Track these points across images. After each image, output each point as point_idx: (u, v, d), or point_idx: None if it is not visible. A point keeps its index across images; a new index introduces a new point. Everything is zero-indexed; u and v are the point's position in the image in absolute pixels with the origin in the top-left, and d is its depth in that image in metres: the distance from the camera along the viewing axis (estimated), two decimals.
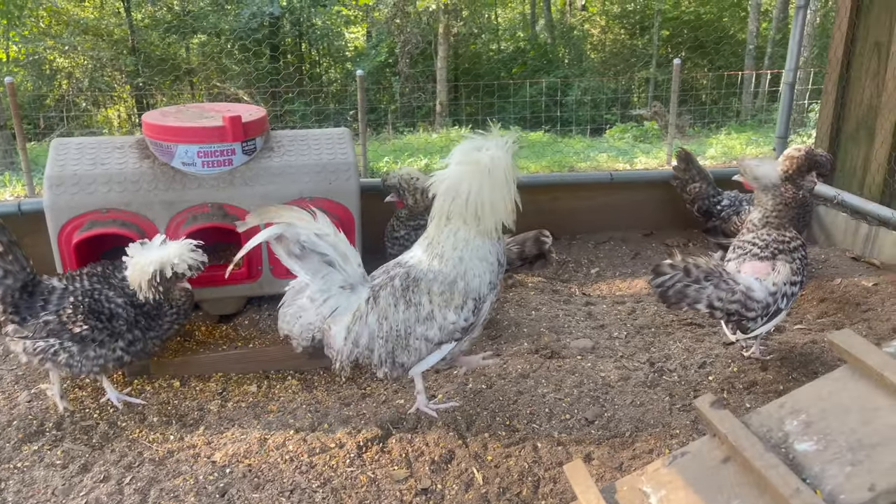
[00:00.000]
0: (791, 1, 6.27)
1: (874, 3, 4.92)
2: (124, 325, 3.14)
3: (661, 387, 3.42)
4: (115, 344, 3.15)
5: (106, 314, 3.12)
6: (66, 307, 3.09)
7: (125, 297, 3.17)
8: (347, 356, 2.86)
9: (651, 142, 13.04)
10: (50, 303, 3.11)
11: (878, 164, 4.91)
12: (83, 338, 3.10)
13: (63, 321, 3.07)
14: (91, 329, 3.09)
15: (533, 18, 23.56)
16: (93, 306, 3.11)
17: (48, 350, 3.10)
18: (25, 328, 3.09)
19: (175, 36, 18.47)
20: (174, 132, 3.56)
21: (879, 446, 1.86)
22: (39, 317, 3.08)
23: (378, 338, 2.83)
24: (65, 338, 3.09)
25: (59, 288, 3.16)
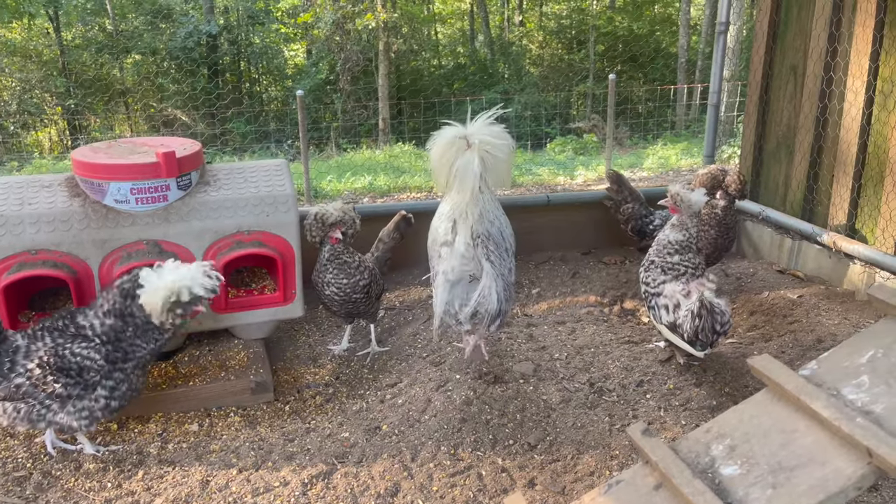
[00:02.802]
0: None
1: (789, 28, 5.19)
2: (96, 376, 3.03)
3: (601, 407, 3.51)
4: (97, 394, 3.05)
5: (75, 370, 3.00)
6: (33, 369, 2.96)
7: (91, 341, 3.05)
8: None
9: (591, 154, 13.38)
10: (16, 363, 2.99)
11: (798, 182, 5.17)
12: (59, 396, 3.00)
13: (34, 383, 2.96)
14: (64, 387, 2.99)
15: (472, 34, 23.89)
16: (59, 364, 2.98)
17: (29, 412, 3.00)
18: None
19: (108, 56, 18.04)
20: (105, 169, 3.50)
21: (798, 468, 1.96)
22: (10, 379, 2.96)
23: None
24: (41, 399, 2.99)
25: (22, 346, 3.02)
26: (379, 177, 9.76)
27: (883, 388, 2.07)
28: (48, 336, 3.06)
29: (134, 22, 18.57)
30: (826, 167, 4.93)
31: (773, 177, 5.46)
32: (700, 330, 3.47)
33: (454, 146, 3.58)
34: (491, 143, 3.61)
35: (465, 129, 3.60)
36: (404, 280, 5.33)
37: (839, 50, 4.72)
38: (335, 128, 17.32)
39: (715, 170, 4.73)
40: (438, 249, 3.65)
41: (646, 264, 3.92)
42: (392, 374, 3.96)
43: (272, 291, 3.93)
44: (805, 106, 5.03)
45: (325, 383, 3.93)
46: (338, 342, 4.35)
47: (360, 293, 3.97)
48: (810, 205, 5.09)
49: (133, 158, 3.55)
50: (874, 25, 4.40)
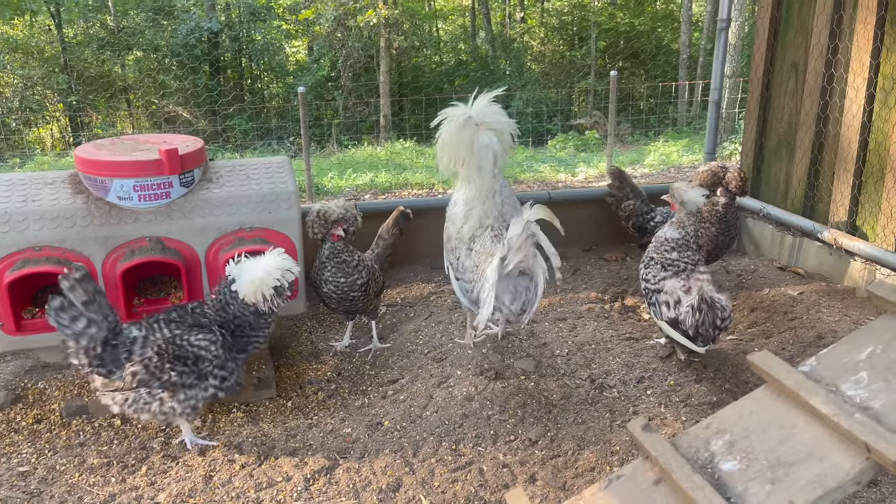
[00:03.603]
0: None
1: (790, 25, 5.19)
2: (210, 366, 3.12)
3: (601, 403, 3.53)
4: (207, 383, 3.13)
5: (192, 359, 3.08)
6: (151, 357, 3.02)
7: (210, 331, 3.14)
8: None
9: (592, 151, 13.37)
10: (133, 353, 3.03)
11: (798, 179, 5.18)
12: (173, 384, 3.06)
13: (151, 371, 3.02)
14: (179, 375, 3.06)
15: (473, 31, 23.84)
16: (177, 353, 3.06)
17: (139, 400, 3.06)
18: (113, 380, 3.02)
19: (109, 52, 18.04)
20: (108, 166, 3.51)
21: (797, 464, 1.98)
22: (125, 368, 3.01)
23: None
24: (154, 386, 3.05)
25: (139, 337, 3.07)
26: (380, 173, 9.77)
27: (882, 384, 2.09)
28: (165, 327, 3.12)
29: (135, 19, 18.57)
30: (827, 164, 4.94)
31: (774, 174, 5.47)
32: (701, 324, 3.49)
33: (469, 125, 3.62)
34: (500, 122, 3.67)
35: (469, 109, 3.64)
36: (406, 277, 5.34)
37: (840, 47, 4.73)
38: (336, 125, 17.32)
39: (715, 167, 4.74)
40: (468, 242, 3.67)
41: (646, 261, 3.93)
42: (394, 370, 3.98)
43: None
44: (806, 103, 5.03)
45: (327, 379, 3.95)
46: (340, 339, 4.37)
47: (358, 292, 3.99)
48: (811, 202, 5.09)
49: (136, 155, 3.57)
50: (875, 22, 4.40)
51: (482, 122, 3.64)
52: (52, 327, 3.54)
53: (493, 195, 3.70)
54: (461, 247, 3.77)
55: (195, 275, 3.68)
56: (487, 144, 3.63)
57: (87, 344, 2.95)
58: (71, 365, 3.02)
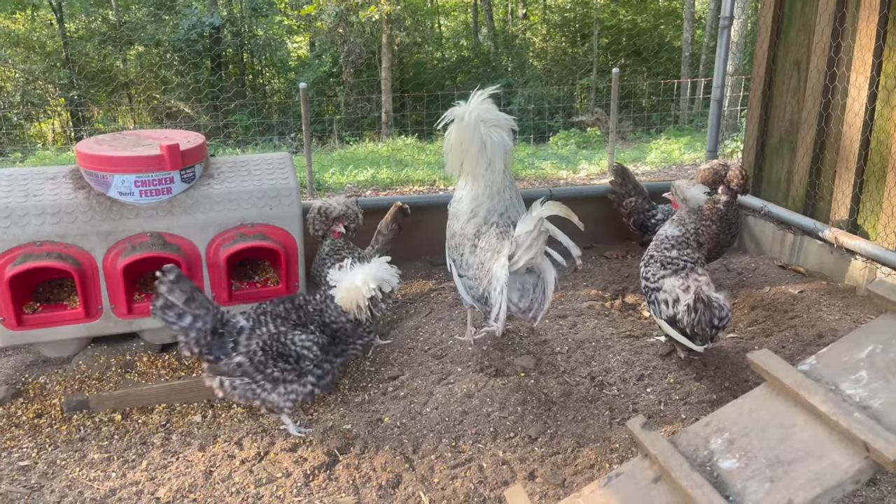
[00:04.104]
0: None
1: (792, 23, 5.18)
2: (310, 365, 3.16)
3: (601, 401, 3.53)
4: (306, 380, 3.18)
5: (294, 357, 3.13)
6: (255, 351, 3.08)
7: (314, 336, 3.17)
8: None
9: (594, 148, 13.37)
10: (239, 344, 3.09)
11: (800, 177, 5.17)
12: (275, 379, 3.12)
13: (255, 364, 3.08)
14: (281, 371, 3.11)
15: (475, 27, 23.82)
16: (281, 350, 3.10)
17: (241, 389, 3.12)
18: (219, 367, 3.09)
19: (111, 47, 18.03)
20: (110, 162, 3.52)
21: (796, 462, 1.98)
22: (232, 357, 3.08)
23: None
24: (258, 379, 3.11)
25: (246, 328, 3.14)
26: (381, 170, 9.77)
27: (881, 384, 2.09)
28: (272, 322, 3.16)
29: (137, 13, 18.56)
30: (828, 163, 4.93)
31: (776, 172, 5.46)
32: (696, 324, 3.48)
33: (479, 123, 3.64)
34: (504, 119, 3.69)
35: (470, 107, 3.65)
36: (406, 273, 5.34)
37: (842, 45, 4.72)
38: (338, 121, 17.32)
39: (717, 165, 4.74)
40: (472, 239, 3.68)
41: (646, 259, 3.93)
42: (394, 366, 3.98)
43: (275, 284, 3.95)
44: (808, 101, 5.03)
45: None
46: None
47: None
48: (812, 200, 5.09)
49: (137, 151, 3.57)
50: (878, 21, 4.40)
51: (487, 119, 3.66)
52: (53, 322, 3.58)
53: (502, 191, 3.72)
54: (465, 244, 3.78)
55: (196, 270, 3.69)
56: (499, 141, 3.66)
57: (195, 336, 3.05)
58: (70, 360, 3.03)
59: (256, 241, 3.68)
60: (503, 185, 3.75)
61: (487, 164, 3.70)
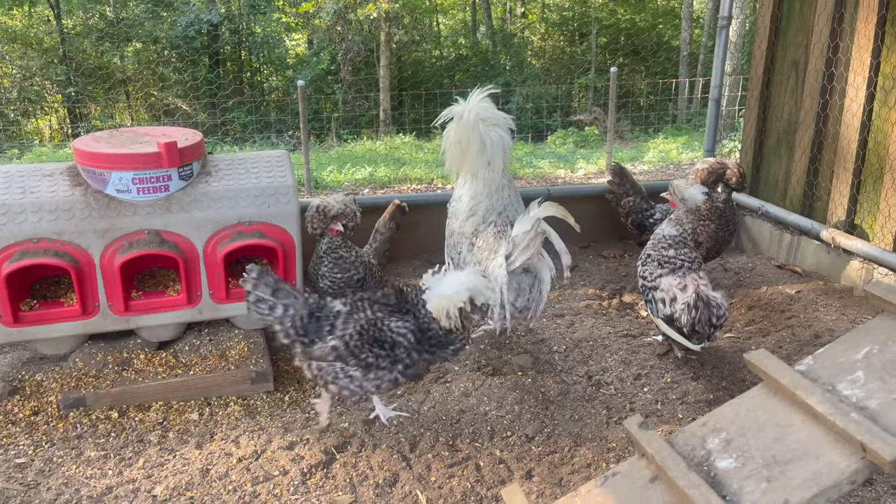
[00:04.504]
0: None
1: (791, 24, 5.18)
2: (404, 353, 3.12)
3: (598, 400, 3.54)
4: (395, 367, 3.13)
5: (389, 343, 3.09)
6: (352, 335, 3.05)
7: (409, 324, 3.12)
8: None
9: (592, 147, 13.36)
10: (336, 327, 3.08)
11: (797, 178, 5.18)
12: (368, 365, 3.08)
13: (351, 349, 3.05)
14: (375, 357, 3.08)
15: (474, 25, 23.79)
16: (377, 336, 3.07)
17: (332, 372, 3.10)
18: (313, 350, 3.08)
19: (109, 44, 17.98)
20: (107, 159, 3.50)
21: (792, 462, 1.98)
22: (326, 341, 3.06)
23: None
24: (350, 363, 3.08)
25: (343, 312, 3.12)
26: (379, 168, 9.76)
27: (878, 384, 2.09)
28: (369, 308, 3.13)
29: (135, 10, 18.50)
30: (826, 163, 4.94)
31: (774, 172, 5.47)
32: (696, 322, 3.49)
33: (479, 122, 3.65)
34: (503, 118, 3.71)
35: (470, 105, 3.66)
36: (404, 271, 5.34)
37: (841, 46, 4.72)
38: (336, 118, 17.30)
39: (714, 163, 4.74)
40: (470, 237, 3.69)
41: (643, 258, 3.94)
42: None
43: None
44: (806, 101, 5.03)
45: None
46: None
47: (354, 287, 3.99)
48: (810, 200, 5.10)
49: (135, 148, 3.56)
50: (876, 22, 4.40)
51: (486, 118, 3.67)
52: (50, 319, 3.56)
53: (501, 190, 3.74)
54: (463, 242, 3.78)
55: (193, 268, 3.68)
56: (498, 140, 3.68)
57: (290, 323, 3.07)
58: (67, 357, 3.02)
59: (254, 240, 3.67)
60: (502, 183, 3.76)
61: (486, 163, 3.71)
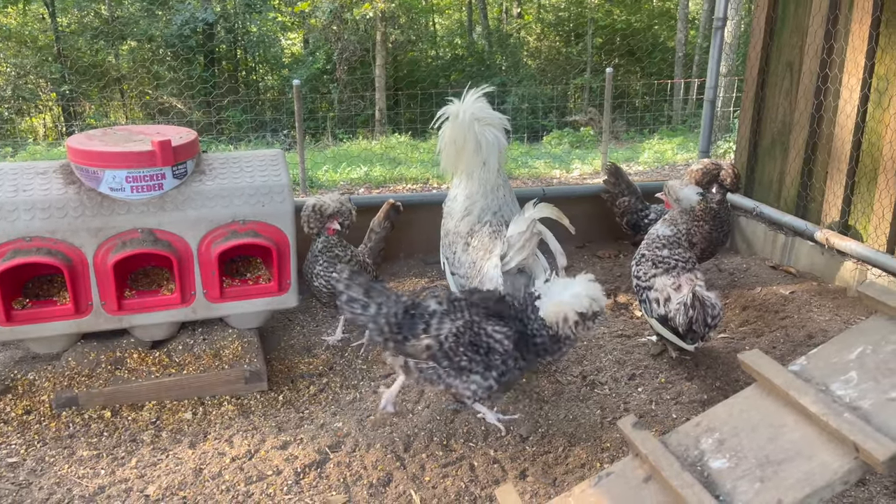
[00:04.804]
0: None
1: (785, 25, 5.20)
2: (499, 359, 3.05)
3: (592, 400, 3.54)
4: (489, 374, 3.07)
5: (484, 348, 3.03)
6: (447, 336, 2.99)
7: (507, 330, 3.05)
8: None
9: (587, 147, 13.38)
10: (431, 326, 3.02)
11: (792, 178, 5.19)
12: (461, 368, 3.03)
13: (444, 350, 3.00)
14: (469, 361, 3.02)
15: (470, 26, 23.80)
16: (473, 340, 3.01)
17: (425, 371, 3.06)
18: (406, 346, 3.03)
19: (103, 42, 17.92)
20: (101, 157, 3.49)
21: (785, 462, 1.99)
22: (420, 339, 3.01)
23: None
24: (443, 364, 3.03)
25: (438, 311, 3.06)
26: (375, 168, 9.74)
27: (871, 385, 2.10)
28: (466, 310, 3.06)
29: (130, 8, 18.44)
30: (820, 164, 4.95)
31: (768, 173, 5.48)
32: (693, 321, 3.49)
33: (474, 122, 3.65)
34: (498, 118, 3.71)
35: (466, 105, 3.67)
36: (399, 271, 5.33)
37: (835, 47, 4.73)
38: (331, 118, 17.28)
39: (709, 164, 4.75)
40: (465, 237, 3.69)
41: (637, 258, 3.94)
42: (385, 365, 3.97)
43: (267, 281, 3.93)
44: (800, 102, 5.04)
45: (319, 373, 3.94)
46: (332, 333, 4.36)
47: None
48: (804, 201, 5.11)
49: (129, 146, 3.55)
50: (870, 23, 4.41)
51: (481, 118, 3.67)
52: (43, 318, 3.55)
53: (496, 190, 3.74)
54: (458, 241, 3.78)
55: (187, 267, 3.67)
56: (493, 140, 3.68)
57: (384, 321, 3.03)
58: (60, 356, 3.01)
59: (248, 239, 3.66)
60: (497, 183, 3.76)
61: (482, 163, 3.72)
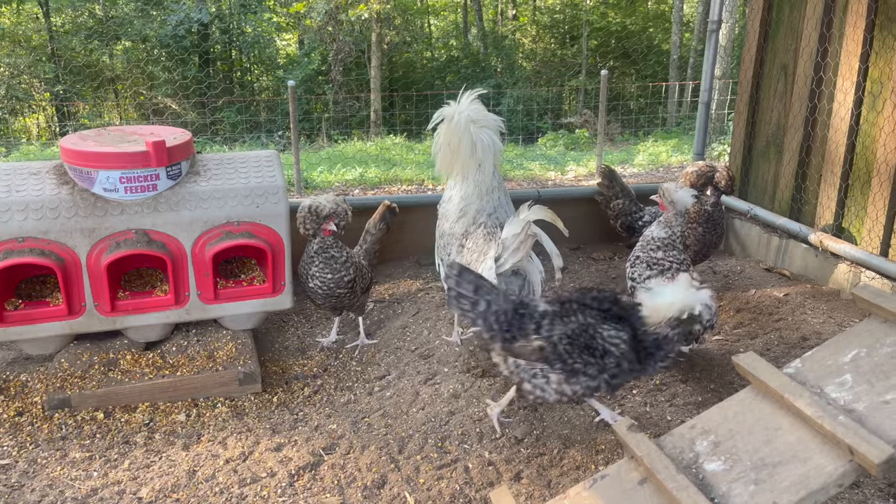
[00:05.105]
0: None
1: (780, 28, 5.21)
2: (614, 362, 2.97)
3: (587, 402, 3.53)
4: (600, 376, 2.99)
5: (600, 351, 2.95)
6: (561, 338, 2.92)
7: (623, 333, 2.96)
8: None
9: (582, 149, 13.40)
10: (542, 327, 2.95)
11: (786, 181, 5.21)
12: (574, 370, 2.95)
13: (559, 352, 2.92)
14: (584, 363, 2.93)
15: (465, 27, 23.82)
16: (589, 343, 2.93)
17: (530, 372, 2.99)
18: (514, 346, 2.97)
19: (98, 42, 17.86)
20: (95, 157, 3.47)
21: (780, 465, 1.99)
22: (530, 340, 2.94)
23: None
24: (556, 367, 2.95)
25: (549, 312, 2.99)
26: (370, 169, 9.73)
27: (865, 387, 2.10)
28: (580, 313, 2.99)
29: (124, 8, 18.38)
30: (814, 167, 4.97)
31: (762, 175, 5.49)
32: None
33: (470, 124, 3.66)
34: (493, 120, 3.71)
35: (461, 107, 3.67)
36: (394, 272, 5.33)
37: (829, 50, 4.75)
38: (326, 119, 17.26)
39: (703, 166, 4.76)
40: (460, 238, 3.69)
41: (632, 259, 3.95)
42: (380, 366, 3.97)
43: (261, 282, 3.92)
44: (795, 105, 5.06)
45: (314, 375, 3.93)
46: (326, 334, 4.36)
47: (344, 288, 3.97)
48: (798, 204, 5.12)
49: (122, 147, 3.53)
50: (865, 27, 4.43)
51: (477, 120, 3.68)
52: (35, 319, 3.53)
53: (491, 191, 3.75)
54: (453, 243, 3.78)
55: (181, 268, 3.65)
56: (489, 142, 3.69)
57: (493, 318, 2.98)
58: (53, 358, 2.99)
59: (243, 240, 3.65)
60: (492, 185, 3.77)
61: (477, 165, 3.72)
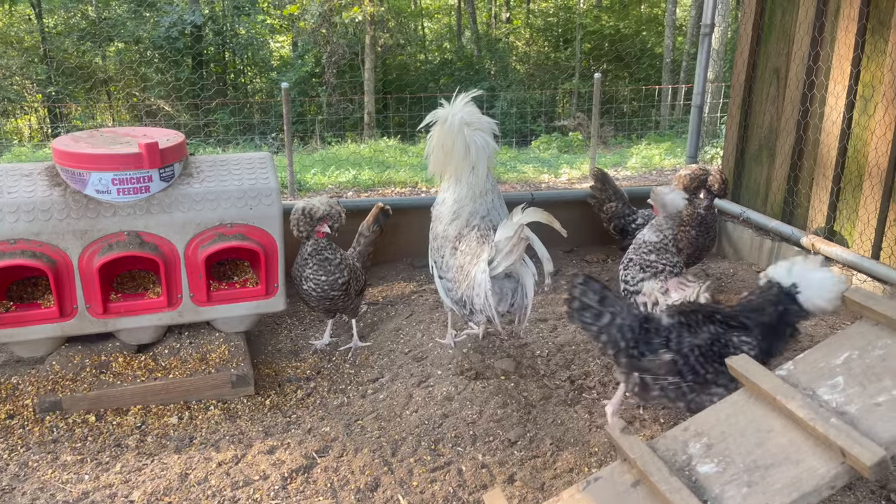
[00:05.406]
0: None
1: (772, 32, 5.24)
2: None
3: (580, 405, 3.54)
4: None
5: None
6: (693, 349, 2.89)
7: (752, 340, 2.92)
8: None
9: (575, 152, 13.44)
10: (671, 341, 2.93)
11: (778, 184, 5.23)
12: (706, 381, 2.91)
13: (691, 364, 2.89)
14: (715, 373, 2.89)
15: (459, 30, 23.85)
16: (722, 352, 2.87)
17: (665, 387, 2.95)
18: (642, 363, 2.94)
19: (90, 43, 17.80)
20: (87, 159, 3.46)
21: (773, 467, 1.99)
22: (659, 354, 2.92)
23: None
24: (688, 379, 2.91)
25: (675, 325, 2.97)
26: (363, 171, 9.73)
27: (857, 390, 2.11)
28: (708, 323, 2.96)
29: (117, 9, 18.34)
30: (806, 170, 4.99)
31: (755, 178, 5.52)
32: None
33: (463, 126, 3.67)
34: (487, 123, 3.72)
35: (456, 109, 3.68)
36: (387, 275, 5.32)
37: (821, 54, 4.78)
38: (320, 121, 17.23)
39: (696, 170, 4.78)
40: (453, 241, 3.69)
41: (625, 262, 3.95)
42: (374, 369, 3.96)
43: (254, 285, 3.91)
44: (787, 109, 5.09)
45: (307, 378, 3.92)
46: (319, 336, 4.35)
47: (338, 291, 3.96)
48: (790, 207, 5.15)
49: (115, 148, 3.52)
50: (856, 31, 4.46)
51: (470, 122, 3.68)
52: (26, 322, 3.50)
53: (485, 194, 3.75)
54: (446, 246, 3.78)
55: (174, 270, 3.64)
56: (482, 145, 3.69)
57: (616, 332, 2.96)
58: (44, 360, 2.97)
59: (236, 242, 3.64)
60: (486, 188, 3.77)
61: (470, 167, 3.72)
